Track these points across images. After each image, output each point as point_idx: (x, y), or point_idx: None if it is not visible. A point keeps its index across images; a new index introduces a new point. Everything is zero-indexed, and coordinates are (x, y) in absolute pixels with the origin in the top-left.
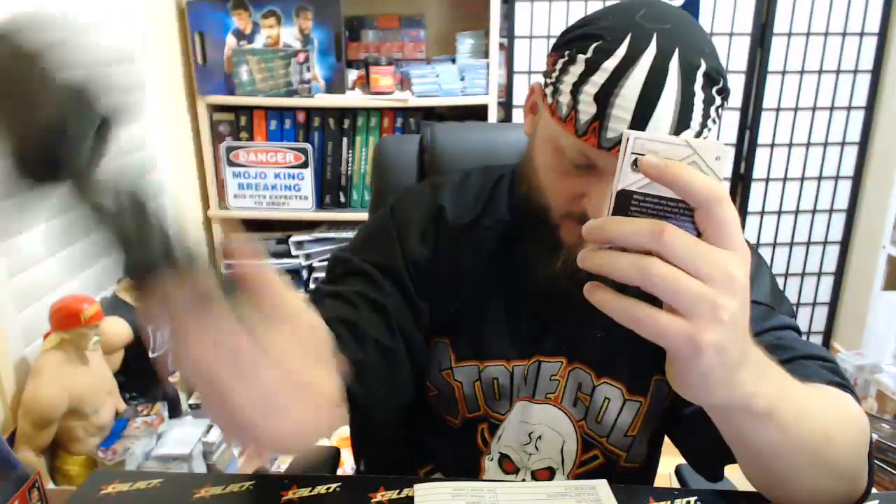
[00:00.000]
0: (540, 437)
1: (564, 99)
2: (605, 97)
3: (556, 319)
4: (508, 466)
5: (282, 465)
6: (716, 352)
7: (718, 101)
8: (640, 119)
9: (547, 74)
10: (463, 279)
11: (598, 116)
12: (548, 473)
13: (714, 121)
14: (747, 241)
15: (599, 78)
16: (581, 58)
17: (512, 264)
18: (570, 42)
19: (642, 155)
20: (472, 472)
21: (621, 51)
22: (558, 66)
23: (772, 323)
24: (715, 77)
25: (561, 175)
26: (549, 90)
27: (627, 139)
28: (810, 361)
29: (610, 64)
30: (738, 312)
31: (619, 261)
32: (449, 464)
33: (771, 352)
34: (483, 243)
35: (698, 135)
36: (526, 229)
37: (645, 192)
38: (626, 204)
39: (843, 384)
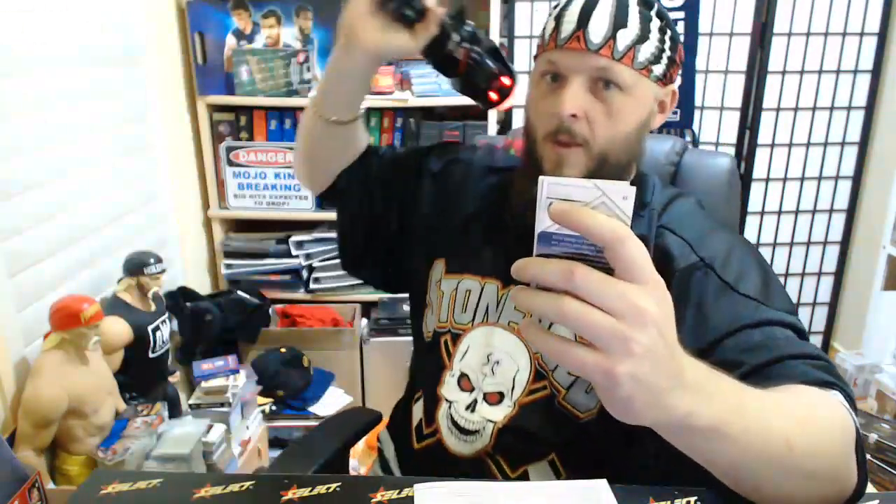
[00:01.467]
0: (497, 363)
1: (540, 38)
2: (560, 13)
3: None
4: (466, 385)
5: None
6: (633, 381)
7: (658, 22)
8: (583, 18)
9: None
10: (464, 202)
11: (555, 27)
12: (497, 397)
13: (664, 44)
14: (743, 237)
15: (557, 8)
16: (551, 7)
17: (508, 199)
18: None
19: (555, 199)
20: (436, 385)
21: None
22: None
23: (758, 318)
24: (649, 1)
25: (540, 100)
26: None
27: (542, 184)
28: (797, 361)
29: None
30: (654, 343)
31: (538, 299)
32: (423, 379)
33: (753, 351)
34: (490, 182)
35: (640, 40)
36: (520, 167)
37: (563, 233)
38: (547, 244)
39: (831, 382)
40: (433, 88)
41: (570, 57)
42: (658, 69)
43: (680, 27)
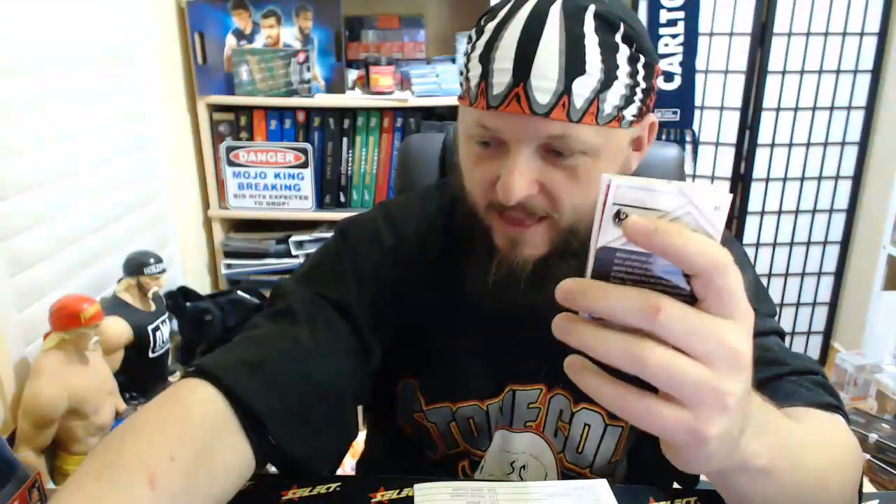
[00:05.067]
0: (524, 467)
1: (463, 76)
2: (486, 55)
3: (534, 341)
4: None
5: None
6: (720, 440)
7: (627, 50)
8: (521, 65)
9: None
10: (417, 313)
11: (483, 76)
12: None
13: (636, 78)
14: (729, 235)
15: (482, 41)
16: (474, 34)
17: (462, 288)
18: (471, 34)
19: (625, 206)
20: None
21: (503, 11)
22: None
23: (755, 329)
24: (612, 21)
25: (475, 164)
26: (461, 81)
27: (608, 185)
28: (800, 378)
29: (491, 25)
30: (747, 390)
31: (609, 343)
32: None
33: (757, 366)
34: (433, 272)
35: (606, 86)
36: (463, 245)
37: (631, 249)
38: (608, 263)
39: (835, 405)
40: (433, 88)
41: (509, 122)
42: (631, 112)
43: (680, 27)
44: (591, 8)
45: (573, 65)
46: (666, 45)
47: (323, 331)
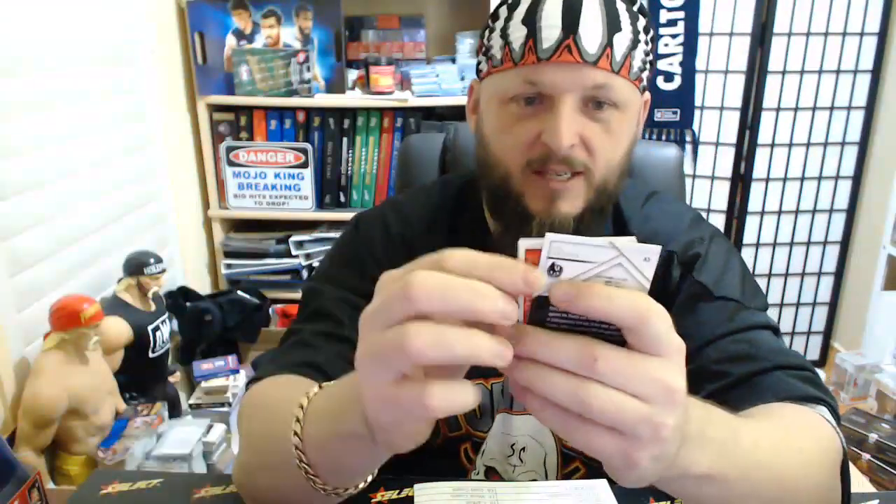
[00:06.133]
0: (524, 449)
1: (497, 46)
2: (531, 16)
3: None
4: (495, 478)
5: None
6: (654, 461)
7: (643, 21)
8: (570, 20)
9: (480, 53)
10: None
11: (530, 34)
12: None
13: (647, 47)
14: (716, 229)
15: (522, 8)
16: (503, 10)
17: None
18: (493, 13)
19: (560, 259)
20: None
21: None
22: (486, 34)
23: (742, 323)
24: None
25: (513, 126)
26: (482, 61)
27: (546, 243)
28: (785, 372)
29: None
30: (681, 420)
31: (555, 385)
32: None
33: (737, 361)
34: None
35: (633, 46)
36: (495, 217)
37: None
38: (543, 310)
39: (817, 396)
40: (433, 88)
41: (559, 72)
42: (645, 77)
43: (680, 27)
44: None
45: (613, 22)
46: (666, 45)
47: None
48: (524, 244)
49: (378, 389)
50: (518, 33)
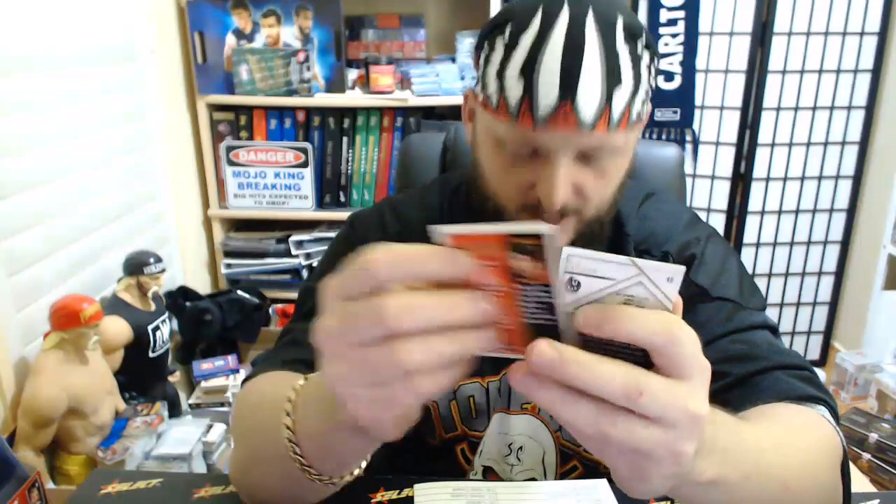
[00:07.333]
0: (521, 448)
1: (492, 87)
2: (528, 71)
3: None
4: (493, 478)
5: None
6: (666, 479)
7: (647, 57)
8: (568, 81)
9: (475, 67)
10: None
11: (526, 91)
12: None
13: (650, 81)
14: (712, 229)
15: (520, 55)
16: (500, 43)
17: None
18: (489, 33)
19: (578, 274)
20: None
21: (535, 23)
22: (482, 60)
23: (741, 323)
24: (635, 31)
25: (507, 169)
26: (478, 87)
27: (563, 257)
28: (784, 372)
29: (527, 39)
30: (699, 444)
31: (579, 412)
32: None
33: (737, 361)
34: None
35: (634, 93)
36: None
37: None
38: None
39: (816, 396)
40: (433, 88)
41: (553, 136)
42: (646, 110)
43: (680, 26)
44: (620, 21)
45: (612, 77)
46: (666, 44)
47: None
48: (447, 230)
49: (347, 356)
50: (515, 90)
